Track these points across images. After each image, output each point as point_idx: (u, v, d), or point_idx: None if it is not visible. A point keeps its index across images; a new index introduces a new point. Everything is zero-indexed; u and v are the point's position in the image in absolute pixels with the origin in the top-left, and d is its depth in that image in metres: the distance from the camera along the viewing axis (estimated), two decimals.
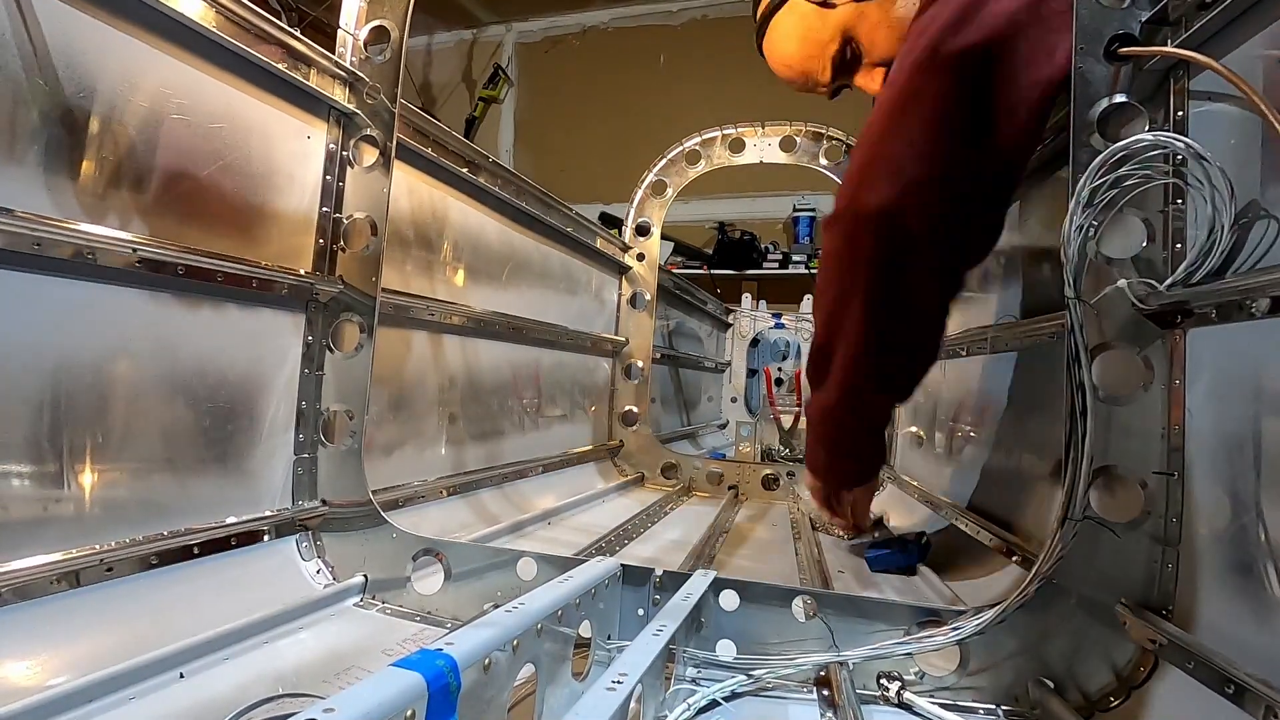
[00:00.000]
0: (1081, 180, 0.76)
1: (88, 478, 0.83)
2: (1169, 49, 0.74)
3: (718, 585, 0.88)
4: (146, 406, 0.89)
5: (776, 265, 5.25)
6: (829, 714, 0.75)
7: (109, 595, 0.81)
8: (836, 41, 1.28)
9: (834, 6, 1.26)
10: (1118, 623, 0.76)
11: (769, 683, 0.83)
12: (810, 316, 4.10)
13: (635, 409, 2.39)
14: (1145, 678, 0.74)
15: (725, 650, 0.85)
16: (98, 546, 0.82)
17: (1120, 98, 0.77)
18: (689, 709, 0.75)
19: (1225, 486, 0.69)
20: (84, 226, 0.79)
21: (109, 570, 0.82)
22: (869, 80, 1.32)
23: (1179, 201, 0.75)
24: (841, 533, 1.74)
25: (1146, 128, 0.76)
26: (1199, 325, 0.72)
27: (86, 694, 0.68)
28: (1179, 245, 0.75)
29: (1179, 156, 0.72)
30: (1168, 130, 0.75)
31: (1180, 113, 0.75)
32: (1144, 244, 0.76)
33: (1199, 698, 0.64)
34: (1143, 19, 0.77)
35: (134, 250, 0.84)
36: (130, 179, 0.86)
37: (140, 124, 0.87)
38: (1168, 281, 0.73)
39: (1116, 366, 0.77)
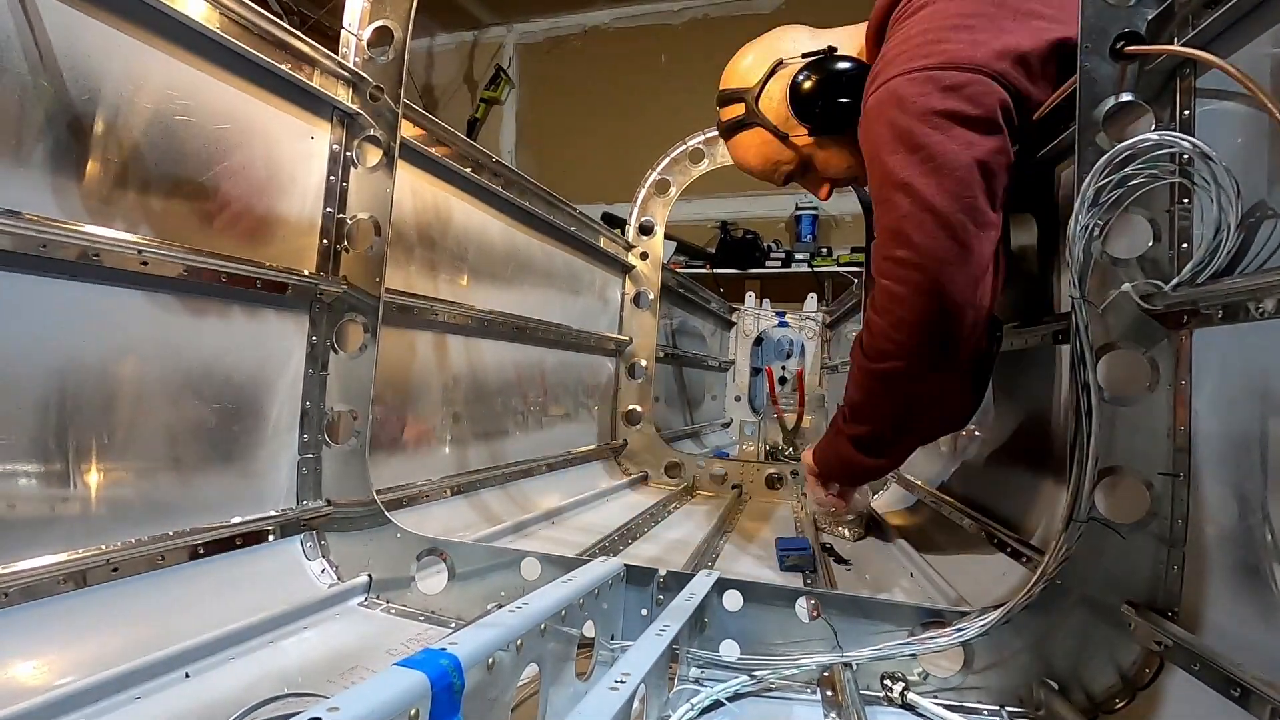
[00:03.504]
0: (1087, 180, 0.75)
1: (93, 478, 0.83)
2: (1175, 47, 0.73)
3: (721, 585, 0.87)
4: (151, 407, 0.90)
5: (779, 264, 5.24)
6: (832, 714, 0.75)
7: (115, 595, 0.82)
8: (794, 164, 1.42)
9: (795, 140, 1.37)
10: (1123, 624, 0.75)
11: (772, 683, 0.83)
12: (812, 315, 4.09)
13: (639, 408, 2.39)
14: (1151, 679, 0.74)
15: (729, 650, 0.85)
16: (103, 547, 0.82)
17: (1126, 96, 0.77)
18: (692, 709, 0.75)
19: (1232, 487, 0.69)
20: (89, 228, 0.80)
21: (115, 570, 0.82)
22: (817, 188, 1.46)
23: (1185, 201, 0.74)
24: (846, 532, 1.73)
25: (1152, 127, 0.76)
26: (1205, 326, 0.72)
27: (93, 694, 0.68)
28: (1185, 245, 0.74)
29: (1185, 156, 0.72)
30: (1174, 129, 0.74)
31: (1186, 111, 0.75)
32: (1150, 244, 0.76)
33: (1205, 700, 0.64)
34: (1149, 17, 0.76)
35: (139, 252, 0.84)
36: (134, 180, 0.87)
37: (144, 126, 0.87)
38: (1174, 282, 0.73)
39: (1122, 367, 0.76)
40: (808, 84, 1.31)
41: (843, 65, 1.31)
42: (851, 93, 1.27)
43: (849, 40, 1.36)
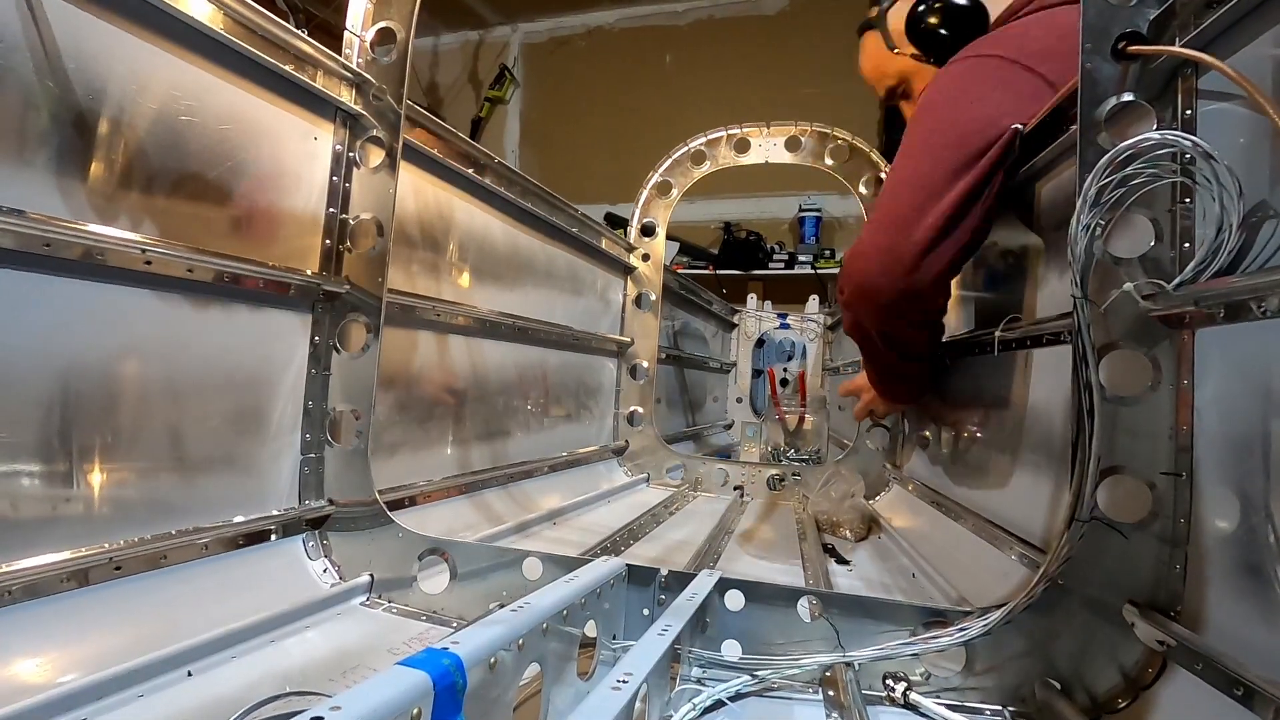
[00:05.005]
0: (1088, 179, 0.75)
1: (96, 477, 0.83)
2: (1175, 49, 0.73)
3: (723, 585, 0.87)
4: (155, 406, 0.90)
5: (782, 265, 5.24)
6: (834, 714, 0.75)
7: (118, 594, 0.82)
8: (894, 79, 1.55)
9: (900, 55, 1.50)
10: (1125, 624, 0.75)
11: (774, 683, 0.83)
12: (815, 317, 4.09)
13: (640, 409, 2.39)
14: (1153, 679, 0.74)
15: (730, 650, 0.85)
16: (106, 545, 0.83)
17: (1128, 96, 0.77)
18: (694, 709, 0.75)
19: (1234, 487, 0.69)
20: (93, 227, 0.80)
21: (118, 569, 0.83)
22: (909, 110, 1.59)
23: (1187, 200, 0.74)
24: (847, 533, 1.74)
25: (1154, 126, 0.75)
26: (1207, 325, 0.72)
27: (95, 691, 0.68)
28: (1187, 244, 0.74)
29: (1187, 155, 0.72)
30: (1175, 129, 0.74)
31: (1189, 111, 0.75)
32: (1151, 243, 0.76)
33: (1208, 700, 0.64)
34: (1150, 16, 0.76)
35: (142, 251, 0.85)
36: (139, 180, 0.87)
37: (149, 126, 0.88)
38: (1175, 281, 0.73)
39: (1124, 366, 0.76)
40: (930, 10, 1.43)
41: (964, 4, 1.40)
42: (960, 32, 1.35)
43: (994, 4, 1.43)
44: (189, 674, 0.77)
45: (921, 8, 1.42)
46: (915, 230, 1.17)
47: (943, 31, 1.38)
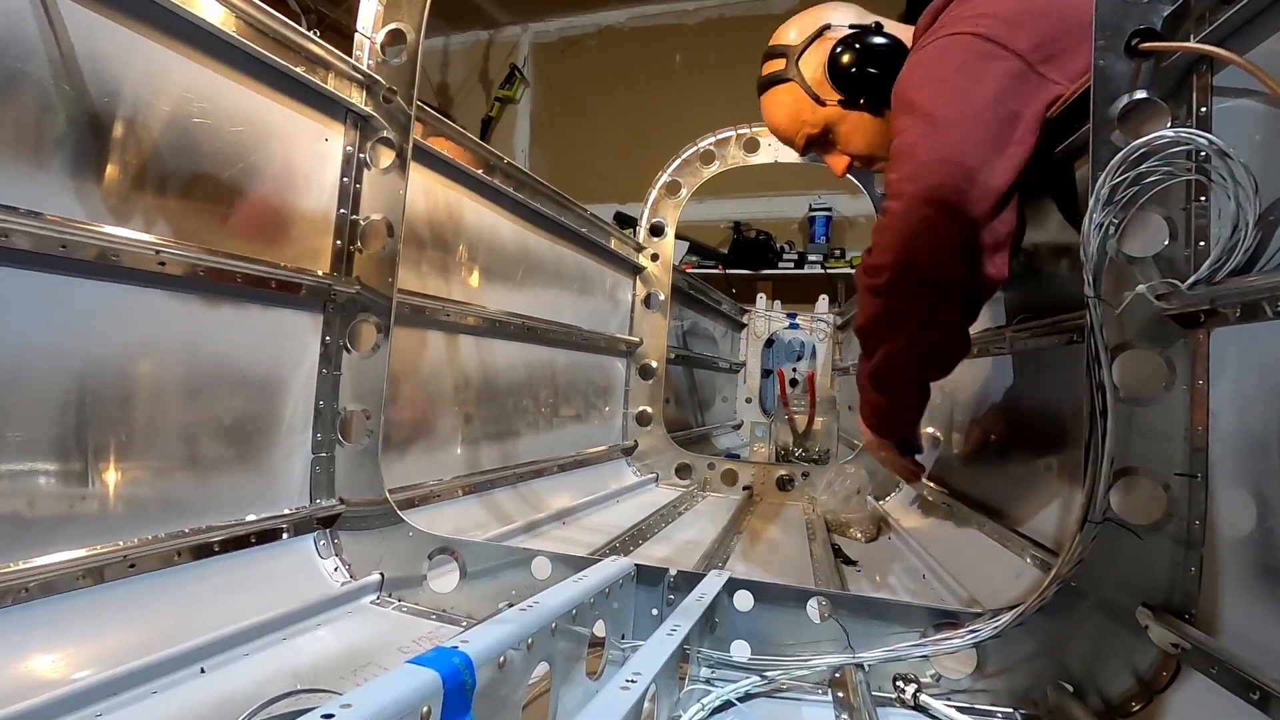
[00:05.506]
0: (1102, 177, 0.75)
1: (111, 475, 0.84)
2: (1191, 44, 0.73)
3: (732, 586, 0.87)
4: (168, 406, 0.91)
5: (792, 265, 5.22)
6: (843, 716, 0.75)
7: (132, 591, 0.83)
8: (818, 129, 1.47)
9: (824, 105, 1.43)
10: (1139, 626, 0.74)
11: (783, 684, 0.82)
12: (825, 317, 4.07)
13: (649, 409, 2.39)
14: (1167, 683, 0.73)
15: (739, 651, 0.85)
16: (121, 543, 0.83)
17: (1141, 93, 0.76)
18: (703, 709, 0.75)
19: (1250, 488, 0.68)
20: (108, 229, 0.81)
21: (132, 566, 0.84)
22: (835, 162, 1.52)
23: (1202, 199, 0.73)
24: (858, 534, 1.73)
25: (1169, 124, 0.75)
26: (1223, 325, 0.71)
27: (110, 688, 0.69)
28: (1202, 243, 0.73)
29: (1202, 153, 0.71)
30: (1190, 126, 0.73)
31: (1203, 108, 0.74)
32: (1166, 242, 0.75)
33: (1223, 703, 0.63)
34: (1164, 13, 0.75)
35: (156, 252, 0.86)
36: (152, 182, 0.88)
37: (162, 128, 0.89)
38: (1190, 280, 0.72)
39: (1138, 366, 0.76)
40: (848, 51, 1.38)
41: (883, 41, 1.37)
42: (886, 68, 1.31)
43: (898, 32, 1.40)
44: (202, 671, 0.77)
45: (840, 49, 1.38)
46: (972, 128, 1.05)
47: (870, 70, 1.34)
